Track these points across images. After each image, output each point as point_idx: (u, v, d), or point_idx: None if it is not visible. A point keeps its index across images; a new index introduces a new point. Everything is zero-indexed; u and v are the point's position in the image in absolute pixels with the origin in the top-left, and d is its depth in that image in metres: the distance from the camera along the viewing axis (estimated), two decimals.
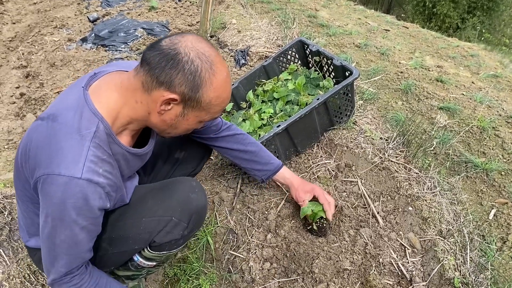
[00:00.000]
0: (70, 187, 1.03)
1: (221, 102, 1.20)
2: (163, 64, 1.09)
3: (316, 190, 1.82)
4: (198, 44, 1.12)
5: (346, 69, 2.14)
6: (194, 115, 1.19)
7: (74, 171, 1.04)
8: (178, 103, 1.14)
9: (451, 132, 2.47)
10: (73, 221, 1.08)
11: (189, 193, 1.36)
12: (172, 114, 1.17)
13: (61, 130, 1.08)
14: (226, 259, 1.86)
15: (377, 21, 6.18)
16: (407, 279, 1.67)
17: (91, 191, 1.08)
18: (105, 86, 1.18)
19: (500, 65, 5.06)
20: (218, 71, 1.14)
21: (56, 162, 1.04)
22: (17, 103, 3.25)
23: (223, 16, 4.37)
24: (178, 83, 1.09)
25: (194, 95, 1.12)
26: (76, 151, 1.06)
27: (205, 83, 1.11)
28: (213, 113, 1.22)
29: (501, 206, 1.99)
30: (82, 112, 1.11)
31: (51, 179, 1.04)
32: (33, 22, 4.78)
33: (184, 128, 1.25)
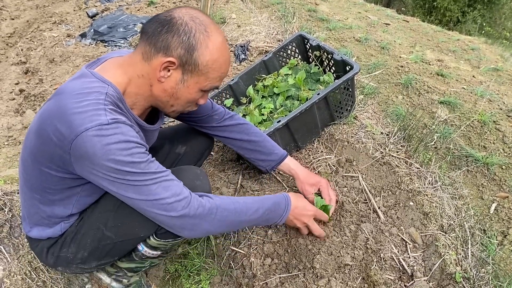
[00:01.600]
0: (103, 134, 1.03)
1: (219, 66, 1.20)
2: (159, 30, 1.13)
3: (321, 184, 1.81)
4: (192, 11, 1.17)
5: (346, 64, 2.13)
6: (193, 81, 1.20)
7: (99, 120, 1.04)
8: (177, 68, 1.16)
9: (451, 126, 2.46)
10: (130, 163, 1.08)
11: (194, 180, 1.39)
12: (172, 82, 1.19)
13: (72, 97, 1.08)
14: (227, 255, 1.86)
15: (377, 15, 6.15)
16: (408, 274, 1.67)
17: (125, 129, 1.09)
18: (108, 66, 1.22)
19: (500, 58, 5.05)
20: (213, 34, 1.16)
21: (77, 123, 1.04)
22: (16, 99, 3.24)
23: (223, 11, 4.35)
24: (174, 46, 1.12)
25: (190, 57, 1.14)
26: (93, 106, 1.07)
27: (200, 44, 1.13)
28: (212, 79, 1.22)
29: (502, 200, 1.98)
30: (89, 81, 1.13)
31: (81, 139, 1.03)
32: (32, 18, 4.76)
33: (186, 97, 1.24)
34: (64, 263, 1.39)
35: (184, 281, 1.82)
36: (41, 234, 1.35)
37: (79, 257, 1.35)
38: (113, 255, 1.44)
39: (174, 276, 1.86)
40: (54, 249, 1.36)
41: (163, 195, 1.15)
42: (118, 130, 1.06)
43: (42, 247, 1.37)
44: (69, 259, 1.36)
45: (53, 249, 1.36)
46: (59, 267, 1.42)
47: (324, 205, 1.78)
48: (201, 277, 1.80)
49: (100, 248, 1.36)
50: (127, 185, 1.10)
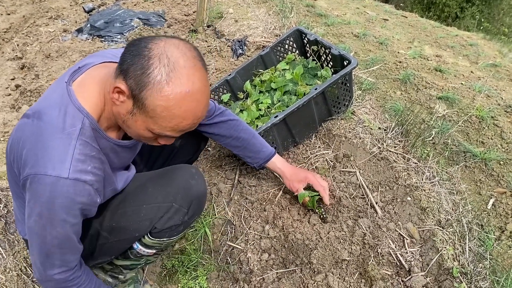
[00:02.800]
0: (57, 187, 1.02)
1: (170, 117, 1.04)
2: (129, 52, 1.03)
3: (309, 178, 1.80)
4: (171, 48, 1.02)
5: (344, 59, 2.11)
6: (141, 119, 1.06)
7: (61, 171, 1.02)
8: (128, 97, 1.04)
9: (449, 121, 2.46)
10: (62, 220, 1.07)
11: (189, 179, 1.37)
12: (123, 109, 1.08)
13: (47, 129, 1.06)
14: (224, 250, 1.86)
15: (375, 10, 6.13)
16: (406, 269, 1.67)
17: (79, 190, 1.06)
18: (89, 80, 1.15)
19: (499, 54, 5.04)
20: (176, 82, 1.00)
21: (42, 162, 1.03)
22: (12, 94, 3.22)
23: (220, 6, 4.33)
24: (130, 75, 1.01)
25: (138, 94, 1.01)
26: (62, 150, 1.04)
27: (152, 86, 0.99)
28: (162, 127, 1.06)
29: (500, 195, 1.98)
30: (66, 109, 1.08)
31: (38, 178, 1.03)
32: (28, 13, 4.72)
33: (134, 131, 1.12)
34: None
35: (181, 276, 1.81)
36: None
37: None
38: (109, 254, 1.44)
39: (171, 272, 1.85)
40: None
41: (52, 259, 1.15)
42: (71, 189, 1.04)
43: None
44: None
45: None
46: None
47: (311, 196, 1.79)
48: (198, 273, 1.79)
49: (97, 248, 1.36)
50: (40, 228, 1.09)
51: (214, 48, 3.51)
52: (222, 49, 3.48)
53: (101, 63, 1.21)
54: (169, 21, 4.09)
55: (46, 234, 1.09)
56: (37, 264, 1.16)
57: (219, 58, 3.39)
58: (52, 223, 1.07)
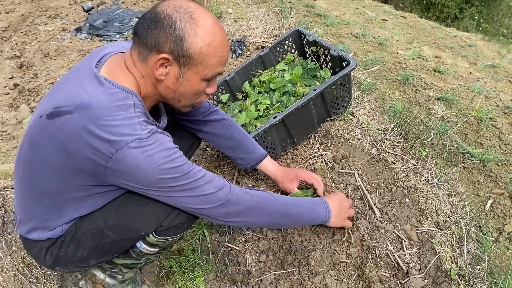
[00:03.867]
0: (144, 148, 1.05)
1: (215, 50, 1.15)
2: (146, 28, 1.10)
3: (299, 175, 1.83)
4: (176, 1, 1.12)
5: (343, 60, 2.11)
6: (192, 73, 1.16)
7: (137, 134, 1.05)
8: (172, 63, 1.13)
9: (448, 123, 2.46)
10: (176, 168, 1.11)
11: None
12: (172, 78, 1.16)
13: (103, 112, 1.07)
14: (222, 251, 1.85)
15: (375, 10, 6.13)
16: (404, 271, 1.67)
17: (162, 139, 1.11)
18: (115, 68, 1.19)
19: (498, 55, 5.04)
20: (201, 20, 1.11)
21: (115, 138, 1.04)
22: (10, 94, 3.21)
23: (219, 5, 4.32)
24: (163, 42, 1.09)
25: (181, 49, 1.10)
26: (127, 120, 1.07)
27: (188, 34, 1.09)
28: (211, 65, 1.17)
29: (498, 196, 1.98)
30: (112, 91, 1.11)
31: (122, 154, 1.04)
32: (27, 12, 4.71)
33: (190, 91, 1.21)
34: (63, 263, 1.37)
35: (178, 277, 1.81)
36: (41, 236, 1.32)
37: (79, 256, 1.34)
38: (112, 253, 1.43)
39: (169, 273, 1.85)
40: (53, 249, 1.34)
41: (207, 190, 1.20)
42: (157, 141, 1.09)
43: (40, 247, 1.35)
44: (68, 258, 1.34)
45: (52, 249, 1.34)
46: (57, 267, 1.39)
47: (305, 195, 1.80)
48: (196, 274, 1.79)
49: (100, 247, 1.35)
50: (171, 191, 1.15)
51: None
52: None
53: (117, 53, 1.25)
54: None
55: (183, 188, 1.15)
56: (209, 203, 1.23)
57: None
58: (173, 177, 1.11)
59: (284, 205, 1.42)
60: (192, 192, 1.18)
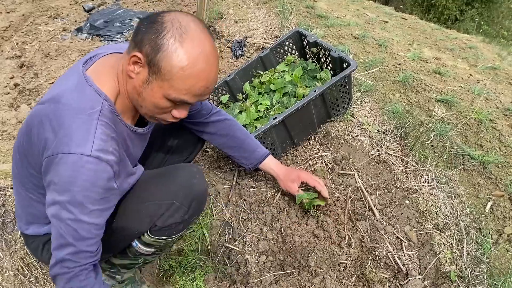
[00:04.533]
0: (80, 165, 1.03)
1: (186, 77, 1.06)
2: (142, 25, 1.09)
3: (301, 176, 1.81)
4: (182, 16, 1.08)
5: (343, 61, 2.11)
6: (157, 85, 1.09)
7: (84, 149, 1.03)
8: (143, 66, 1.08)
9: (448, 124, 2.46)
10: (79, 204, 1.06)
11: (191, 178, 1.38)
12: (139, 80, 1.10)
13: (67, 110, 1.07)
14: (222, 252, 1.85)
15: (375, 12, 6.13)
16: (403, 273, 1.67)
17: (100, 170, 1.07)
18: (102, 67, 1.18)
19: (498, 57, 5.04)
20: (189, 43, 1.05)
21: (65, 141, 1.03)
22: (11, 93, 3.21)
23: (220, 6, 4.32)
24: (145, 43, 1.06)
25: (154, 57, 1.05)
26: (84, 129, 1.05)
27: (167, 47, 1.04)
28: (178, 89, 1.08)
29: (498, 198, 1.98)
30: (85, 91, 1.10)
31: (60, 158, 1.03)
32: (28, 12, 4.71)
33: (151, 101, 1.13)
34: None
35: (178, 278, 1.81)
36: (38, 231, 1.34)
37: None
38: (108, 251, 1.43)
39: (169, 273, 1.85)
40: (50, 244, 1.35)
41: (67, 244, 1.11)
42: (93, 167, 1.04)
43: (38, 243, 1.36)
44: None
45: (49, 245, 1.35)
46: None
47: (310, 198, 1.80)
48: (196, 274, 1.79)
49: None
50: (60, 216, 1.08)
51: None
52: (222, 50, 3.48)
53: (111, 53, 1.25)
54: None
55: (62, 216, 1.07)
56: (53, 249, 1.14)
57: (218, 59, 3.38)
58: (73, 202, 1.06)
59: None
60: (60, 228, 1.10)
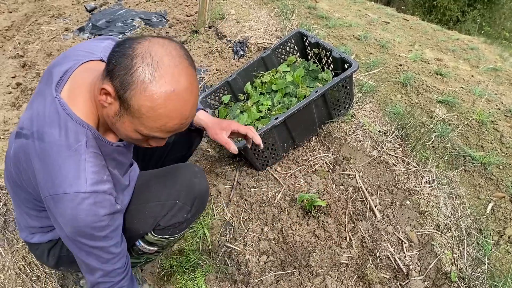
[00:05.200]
0: (77, 203, 1.03)
1: (156, 117, 1.00)
2: (116, 53, 1.00)
3: (233, 125, 1.66)
4: (156, 47, 0.99)
5: (345, 62, 2.11)
6: (128, 120, 1.04)
7: (78, 187, 1.03)
8: (115, 99, 1.01)
9: (449, 125, 2.46)
10: (90, 235, 1.08)
11: (192, 177, 1.39)
12: (111, 111, 1.05)
13: (52, 150, 1.05)
14: (223, 251, 1.86)
15: (377, 13, 6.13)
16: (404, 273, 1.67)
17: (99, 202, 1.07)
18: (77, 89, 1.12)
19: (499, 58, 5.04)
20: (161, 81, 0.96)
21: (57, 182, 1.03)
22: (13, 93, 3.22)
23: (222, 7, 4.33)
24: (115, 76, 0.98)
25: (123, 94, 0.98)
26: (74, 167, 1.04)
27: (135, 86, 0.96)
28: (149, 127, 1.03)
29: (499, 200, 1.98)
30: (66, 125, 1.06)
31: (57, 198, 1.04)
32: (30, 11, 4.72)
33: (123, 133, 1.09)
34: (66, 263, 1.40)
35: (179, 277, 1.81)
36: (42, 239, 1.35)
37: None
38: None
39: (169, 273, 1.85)
40: (55, 250, 1.36)
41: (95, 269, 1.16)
42: (92, 201, 1.05)
43: (43, 249, 1.37)
44: (70, 258, 1.35)
45: (54, 250, 1.37)
46: (61, 267, 1.42)
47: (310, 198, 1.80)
48: (196, 274, 1.79)
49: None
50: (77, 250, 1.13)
51: (215, 49, 3.51)
52: (223, 50, 3.49)
53: (79, 65, 1.17)
54: (171, 22, 4.10)
55: (78, 250, 1.11)
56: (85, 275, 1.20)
57: (220, 59, 3.39)
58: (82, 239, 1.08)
59: None
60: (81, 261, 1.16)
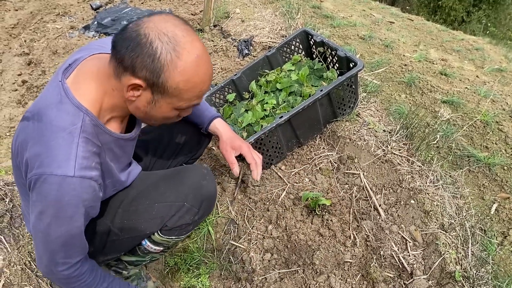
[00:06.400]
0: (64, 185, 1.03)
1: (193, 86, 1.08)
2: (125, 47, 1.02)
3: (243, 148, 1.68)
4: (162, 24, 1.02)
5: (350, 60, 2.12)
6: (165, 102, 1.10)
7: (67, 169, 1.03)
8: (145, 89, 1.07)
9: (454, 126, 2.45)
10: (69, 218, 1.08)
11: (201, 180, 1.39)
12: (143, 101, 1.10)
13: (47, 130, 1.06)
14: (227, 249, 1.86)
15: (381, 13, 6.12)
16: (408, 272, 1.67)
17: (85, 187, 1.07)
18: (82, 76, 1.14)
19: (505, 59, 5.01)
20: (185, 53, 1.02)
21: (47, 162, 1.03)
22: (19, 90, 3.24)
23: (227, 5, 4.34)
24: (139, 68, 1.02)
25: (157, 80, 1.03)
26: (65, 149, 1.04)
27: (167, 67, 1.01)
28: (187, 99, 1.11)
29: (503, 200, 1.98)
30: (64, 107, 1.08)
31: (44, 178, 1.03)
32: (36, 9, 4.74)
33: (160, 116, 1.16)
34: None
35: (183, 274, 1.82)
36: None
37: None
38: (118, 251, 1.45)
39: (174, 270, 1.86)
40: None
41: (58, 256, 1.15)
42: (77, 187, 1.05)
43: None
44: None
45: None
46: None
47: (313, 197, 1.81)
48: (201, 271, 1.80)
49: (107, 244, 1.38)
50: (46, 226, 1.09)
51: (220, 48, 3.52)
52: (228, 49, 3.49)
53: (89, 56, 1.20)
54: None
55: (51, 233, 1.10)
56: (42, 260, 1.18)
57: (225, 58, 3.40)
58: (58, 221, 1.08)
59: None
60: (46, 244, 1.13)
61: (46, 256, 1.16)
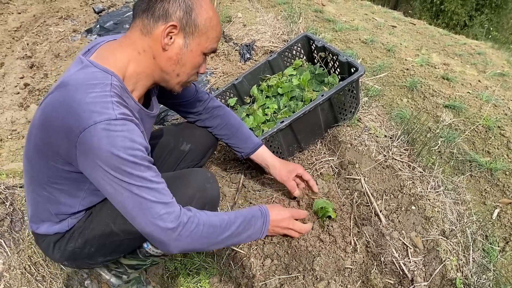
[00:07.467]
0: (111, 129, 1.03)
1: (215, 24, 1.24)
2: (153, 2, 1.16)
3: (299, 169, 1.84)
4: None
5: (351, 66, 2.12)
6: (196, 44, 1.22)
7: (108, 114, 1.03)
8: (178, 33, 1.18)
9: (456, 130, 2.45)
10: (132, 163, 1.06)
11: (205, 183, 1.40)
12: (176, 48, 1.21)
13: (78, 90, 1.06)
14: (227, 254, 1.86)
15: (384, 17, 6.12)
16: (409, 279, 1.66)
17: (132, 129, 1.08)
18: (105, 53, 1.20)
19: (507, 63, 5.00)
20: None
21: (85, 116, 1.02)
22: (21, 93, 3.25)
23: (229, 10, 4.35)
24: (173, 11, 1.15)
25: (189, 18, 1.17)
26: (100, 99, 1.06)
27: (195, 4, 1.18)
28: (212, 38, 1.25)
29: (505, 206, 1.97)
30: (91, 71, 1.12)
31: (89, 132, 1.01)
32: (39, 13, 4.76)
33: (191, 62, 1.26)
34: (71, 258, 1.39)
35: (183, 279, 1.81)
36: (49, 230, 1.35)
37: (86, 252, 1.36)
38: (119, 252, 1.45)
39: (174, 275, 1.85)
40: (61, 243, 1.37)
41: (154, 205, 1.11)
42: (125, 128, 1.06)
43: (48, 241, 1.38)
44: (75, 253, 1.37)
45: (59, 244, 1.37)
46: (65, 261, 1.42)
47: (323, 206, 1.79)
48: (201, 276, 1.80)
49: (107, 245, 1.37)
50: (123, 187, 1.07)
51: (221, 52, 3.53)
52: (230, 53, 3.50)
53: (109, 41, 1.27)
54: None
55: (131, 187, 1.07)
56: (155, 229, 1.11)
57: (226, 62, 3.40)
58: (125, 171, 1.05)
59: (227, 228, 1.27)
60: (138, 200, 1.09)
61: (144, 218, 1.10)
